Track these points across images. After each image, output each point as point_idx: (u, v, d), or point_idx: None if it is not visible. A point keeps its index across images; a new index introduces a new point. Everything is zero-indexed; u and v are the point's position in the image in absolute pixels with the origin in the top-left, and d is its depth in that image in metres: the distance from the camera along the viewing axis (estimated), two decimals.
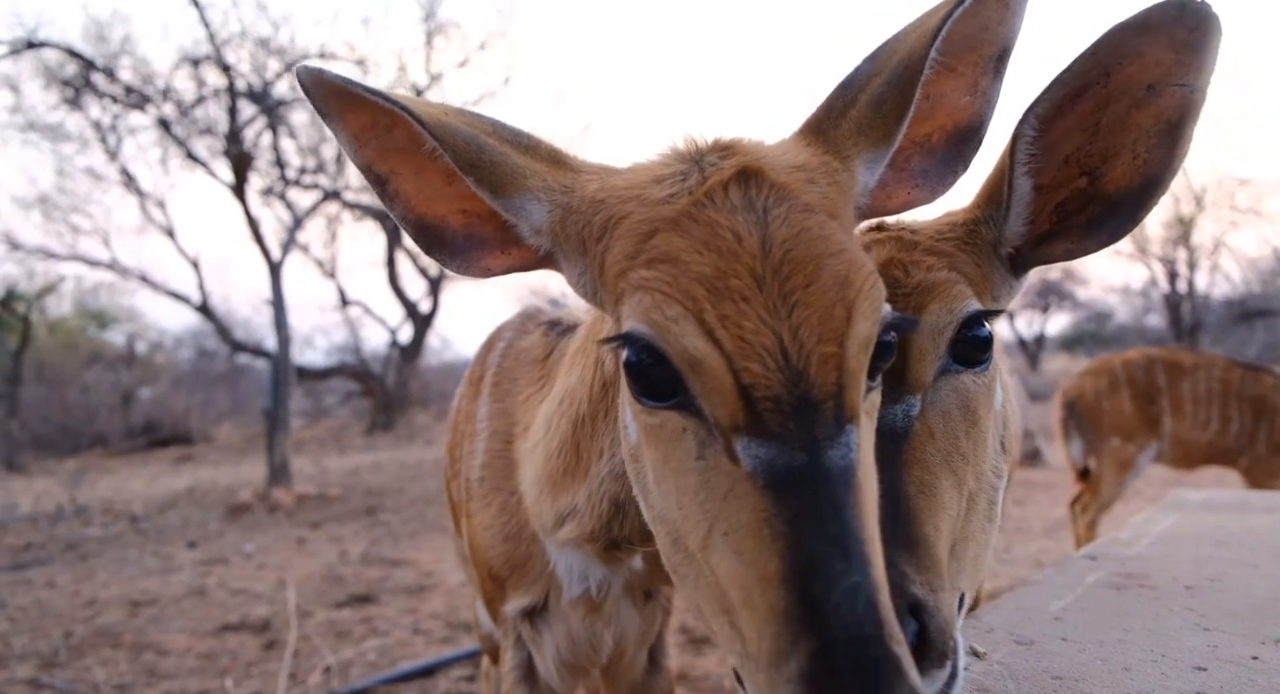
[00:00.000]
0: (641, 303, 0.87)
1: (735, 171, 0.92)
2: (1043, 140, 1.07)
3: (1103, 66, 1.01)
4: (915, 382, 1.04)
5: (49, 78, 13.50)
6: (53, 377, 22.75)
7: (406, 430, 21.71)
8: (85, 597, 6.88)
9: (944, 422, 1.05)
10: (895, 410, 1.03)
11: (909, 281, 1.08)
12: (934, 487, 0.99)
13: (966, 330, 1.06)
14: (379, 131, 1.05)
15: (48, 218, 16.72)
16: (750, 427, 0.81)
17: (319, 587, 6.83)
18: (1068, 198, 1.11)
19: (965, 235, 1.15)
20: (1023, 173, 1.09)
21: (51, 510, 11.58)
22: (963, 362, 1.07)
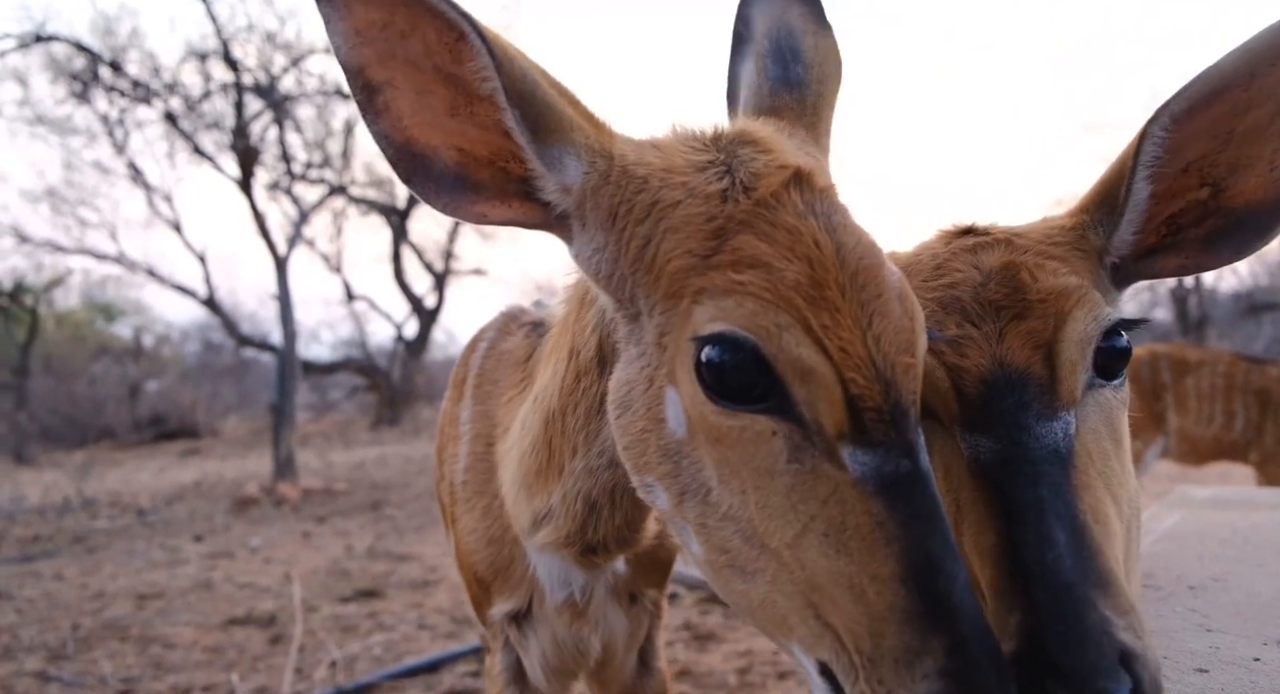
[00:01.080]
0: (741, 307, 0.86)
1: (790, 175, 0.94)
2: (1167, 144, 1.00)
3: (1249, 68, 0.94)
4: (1069, 396, 0.96)
5: (57, 71, 13.54)
6: (60, 369, 22.87)
7: (412, 425, 21.77)
8: (93, 589, 6.93)
9: (1096, 441, 0.97)
10: (1054, 428, 0.94)
11: (1039, 286, 1.00)
12: (1105, 514, 0.91)
13: (1108, 341, 0.99)
14: (390, 34, 0.93)
15: (55, 211, 16.80)
16: (855, 435, 0.83)
17: (324, 581, 6.86)
18: (1182, 210, 1.04)
19: (1074, 240, 1.08)
20: (1145, 176, 1.02)
21: (59, 502, 11.66)
22: (1104, 375, 1.00)
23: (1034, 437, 0.92)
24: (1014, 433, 0.93)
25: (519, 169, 1.00)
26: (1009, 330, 0.98)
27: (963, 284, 1.03)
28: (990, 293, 1.01)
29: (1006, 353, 0.97)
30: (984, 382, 0.96)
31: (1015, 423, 0.93)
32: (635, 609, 1.73)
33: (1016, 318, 0.99)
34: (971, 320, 1.00)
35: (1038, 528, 0.85)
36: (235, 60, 13.29)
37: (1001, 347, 0.97)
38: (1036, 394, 0.94)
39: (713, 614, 5.37)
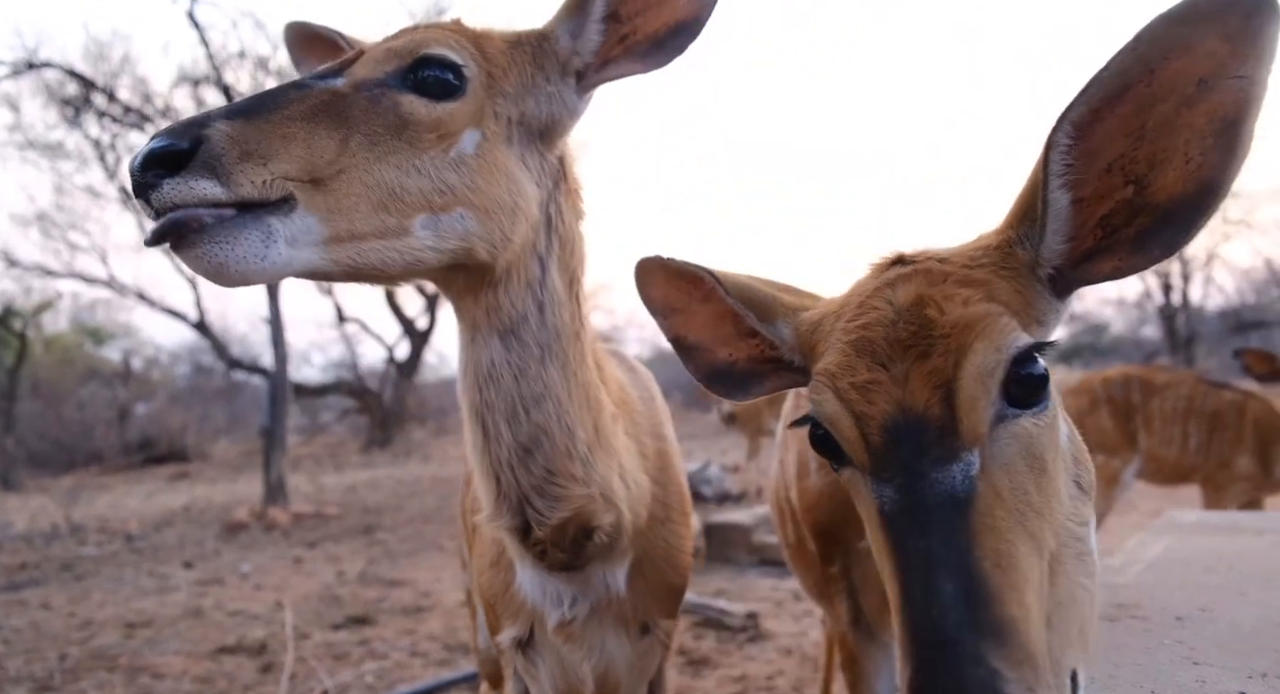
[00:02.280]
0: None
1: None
2: (1080, 148, 0.98)
3: (1146, 64, 0.91)
4: (970, 435, 0.92)
5: (49, 96, 13.58)
6: (48, 393, 22.70)
7: (404, 447, 21.66)
8: (81, 618, 6.85)
9: (1009, 476, 0.93)
10: (952, 472, 0.90)
11: (945, 320, 0.98)
12: (1011, 555, 0.87)
13: (1019, 368, 0.95)
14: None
15: (46, 235, 16.77)
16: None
17: (316, 607, 6.80)
18: (1113, 210, 1.00)
19: (1000, 259, 1.05)
20: (1058, 185, 0.99)
21: (47, 529, 11.53)
22: (1019, 404, 0.96)
23: (928, 483, 0.90)
24: (909, 481, 0.91)
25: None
26: (913, 371, 0.96)
27: (876, 324, 1.02)
28: (899, 332, 0.99)
29: (908, 396, 0.95)
30: (886, 429, 0.95)
31: (911, 470, 0.91)
32: (646, 641, 1.73)
33: (921, 357, 0.96)
34: (882, 362, 0.98)
35: (924, 582, 0.84)
36: (228, 86, 13.35)
37: (905, 390, 0.95)
38: (935, 438, 0.92)
39: (706, 639, 5.36)
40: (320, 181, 1.16)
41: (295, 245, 1.13)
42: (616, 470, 1.52)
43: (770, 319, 1.24)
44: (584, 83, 1.45)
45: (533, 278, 1.43)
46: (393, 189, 1.22)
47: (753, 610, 5.64)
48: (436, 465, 17.77)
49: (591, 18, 1.41)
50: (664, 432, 1.83)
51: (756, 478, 11.51)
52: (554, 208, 1.46)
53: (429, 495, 13.28)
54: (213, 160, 1.07)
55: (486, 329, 1.41)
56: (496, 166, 1.35)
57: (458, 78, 1.32)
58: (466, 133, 1.32)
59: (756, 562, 7.46)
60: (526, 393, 1.41)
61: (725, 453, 15.10)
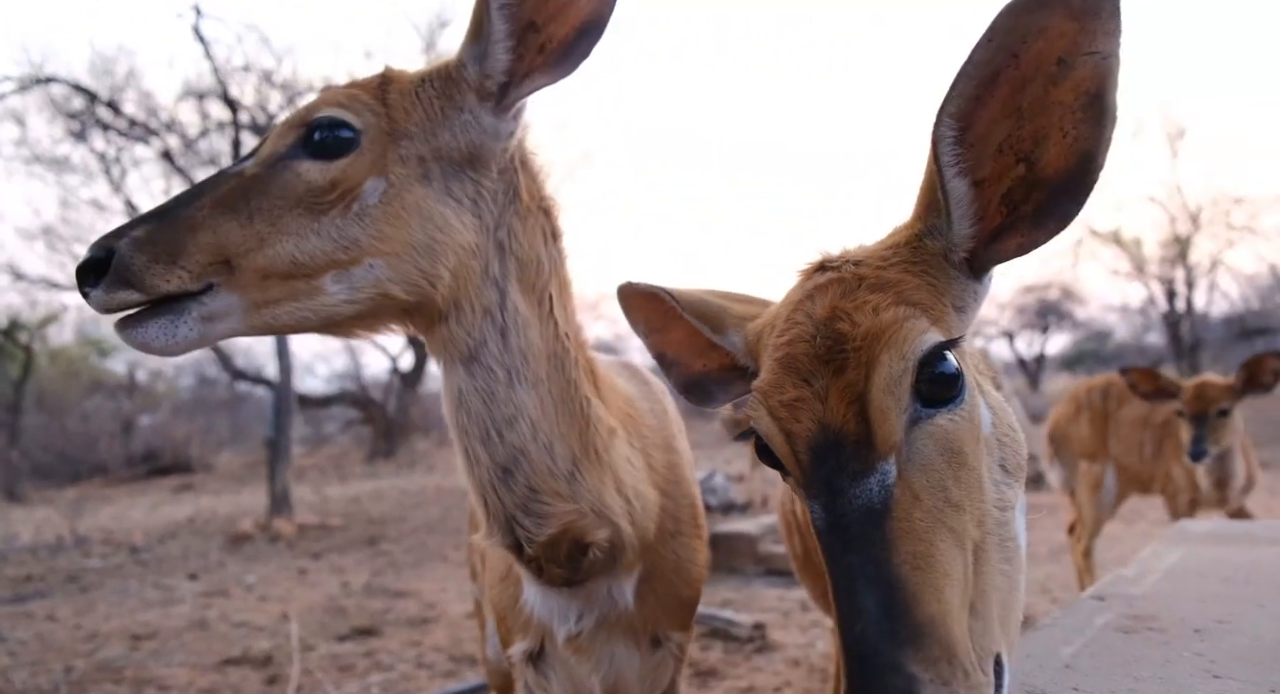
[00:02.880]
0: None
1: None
2: (969, 136, 1.01)
3: (1008, 50, 0.95)
4: (885, 446, 0.93)
5: (55, 111, 13.65)
6: (53, 405, 22.75)
7: (408, 457, 21.65)
8: (86, 630, 6.84)
9: (926, 476, 0.94)
10: (868, 485, 0.91)
11: (856, 332, 0.99)
12: (929, 556, 0.88)
13: (929, 368, 0.97)
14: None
15: (51, 248, 16.83)
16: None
17: (321, 619, 6.79)
18: (1010, 188, 1.04)
19: (910, 255, 1.08)
20: (953, 174, 1.03)
21: (52, 541, 11.53)
22: (933, 403, 0.97)
23: (848, 499, 0.91)
24: (831, 499, 0.92)
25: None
26: (832, 387, 0.97)
27: (798, 340, 1.02)
28: (819, 347, 1.00)
29: (828, 413, 0.96)
30: (810, 447, 0.95)
31: (832, 487, 0.92)
32: (658, 654, 1.71)
33: (837, 372, 0.97)
34: (805, 379, 0.99)
35: (849, 599, 0.85)
36: (233, 99, 13.43)
37: (826, 407, 0.96)
38: (852, 453, 0.93)
39: (713, 650, 5.33)
40: (231, 262, 1.31)
41: (212, 321, 1.31)
42: (611, 485, 1.52)
43: (722, 331, 1.30)
44: (504, 103, 1.45)
45: (489, 303, 1.44)
46: (294, 257, 1.32)
47: (760, 621, 5.61)
48: (440, 476, 17.76)
49: (494, 39, 1.40)
50: (675, 444, 1.83)
51: (761, 487, 11.48)
52: (505, 231, 1.48)
53: (433, 506, 13.26)
54: (123, 270, 1.26)
55: (449, 359, 1.45)
56: (406, 209, 1.39)
57: (351, 133, 1.39)
58: (368, 183, 1.38)
59: (763, 571, 7.43)
60: (498, 415, 1.43)
61: (730, 462, 15.07)
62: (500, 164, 1.48)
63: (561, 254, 1.57)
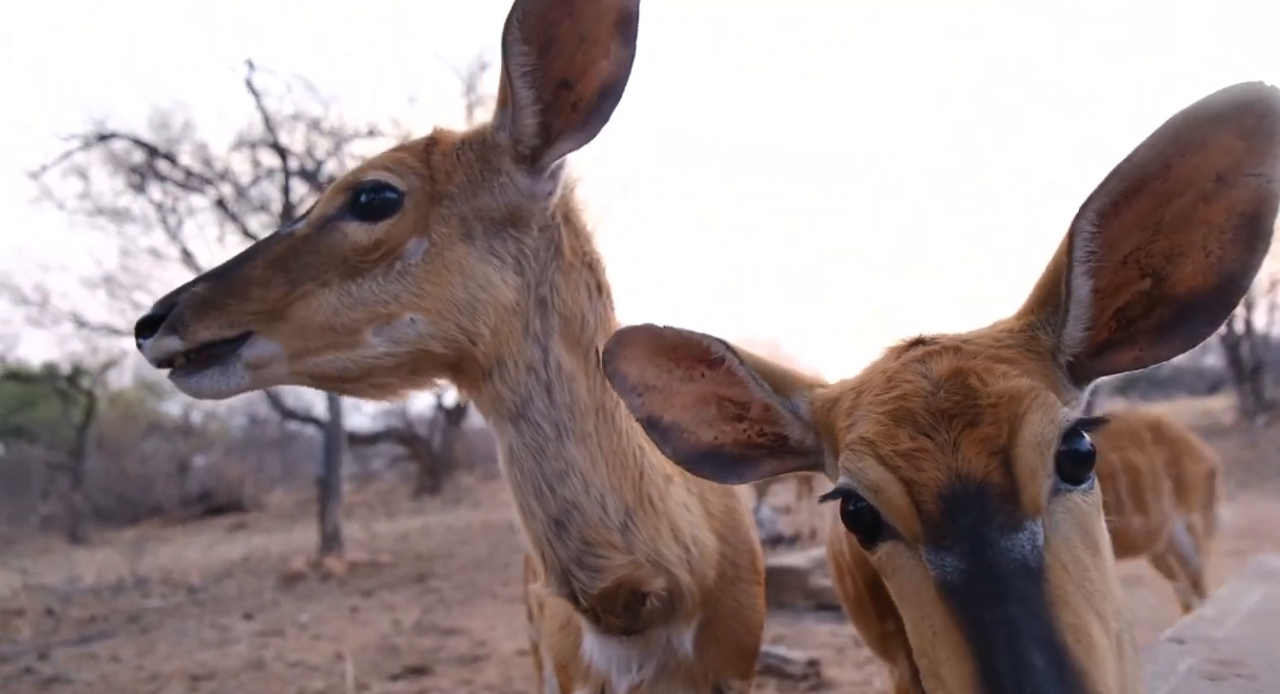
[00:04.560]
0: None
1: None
2: (1099, 239, 0.98)
3: (1162, 159, 0.92)
4: (1032, 504, 0.90)
5: (116, 165, 14.26)
6: (113, 447, 23.41)
7: (454, 493, 21.80)
8: (148, 670, 6.97)
9: (1069, 551, 0.90)
10: (1020, 541, 0.88)
11: (990, 390, 0.97)
12: (1087, 632, 0.83)
13: (1069, 444, 0.94)
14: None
15: (112, 296, 17.46)
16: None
17: (374, 657, 6.83)
18: (1128, 302, 1.01)
19: (1024, 342, 1.05)
20: (1082, 272, 1.00)
21: (113, 581, 11.81)
22: (1069, 480, 0.94)
23: (999, 551, 0.87)
24: (977, 548, 0.88)
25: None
26: (963, 439, 0.94)
27: (913, 395, 1.00)
28: (941, 401, 0.97)
29: (962, 463, 0.92)
30: (942, 496, 0.91)
31: (977, 537, 0.88)
32: None
33: (969, 425, 0.94)
34: (924, 432, 0.96)
35: (1012, 654, 0.80)
36: (282, 147, 13.90)
37: (957, 456, 0.93)
38: (998, 504, 0.89)
39: (766, 688, 5.23)
40: (276, 313, 1.40)
41: (258, 367, 1.40)
42: (668, 533, 1.52)
43: (786, 392, 1.20)
44: (538, 165, 1.48)
45: (533, 360, 1.46)
46: (336, 309, 1.40)
47: (813, 657, 5.50)
48: (486, 511, 17.83)
49: (520, 105, 1.43)
50: (733, 487, 1.82)
51: (810, 519, 11.31)
52: (548, 288, 1.50)
53: (480, 542, 13.30)
54: (175, 321, 1.38)
55: (497, 417, 1.47)
56: (448, 267, 1.43)
57: (395, 195, 1.45)
58: (410, 242, 1.43)
59: (814, 606, 7.29)
60: (549, 471, 1.44)
61: (775, 494, 14.89)
62: (541, 222, 1.51)
63: (608, 307, 1.57)
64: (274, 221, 14.22)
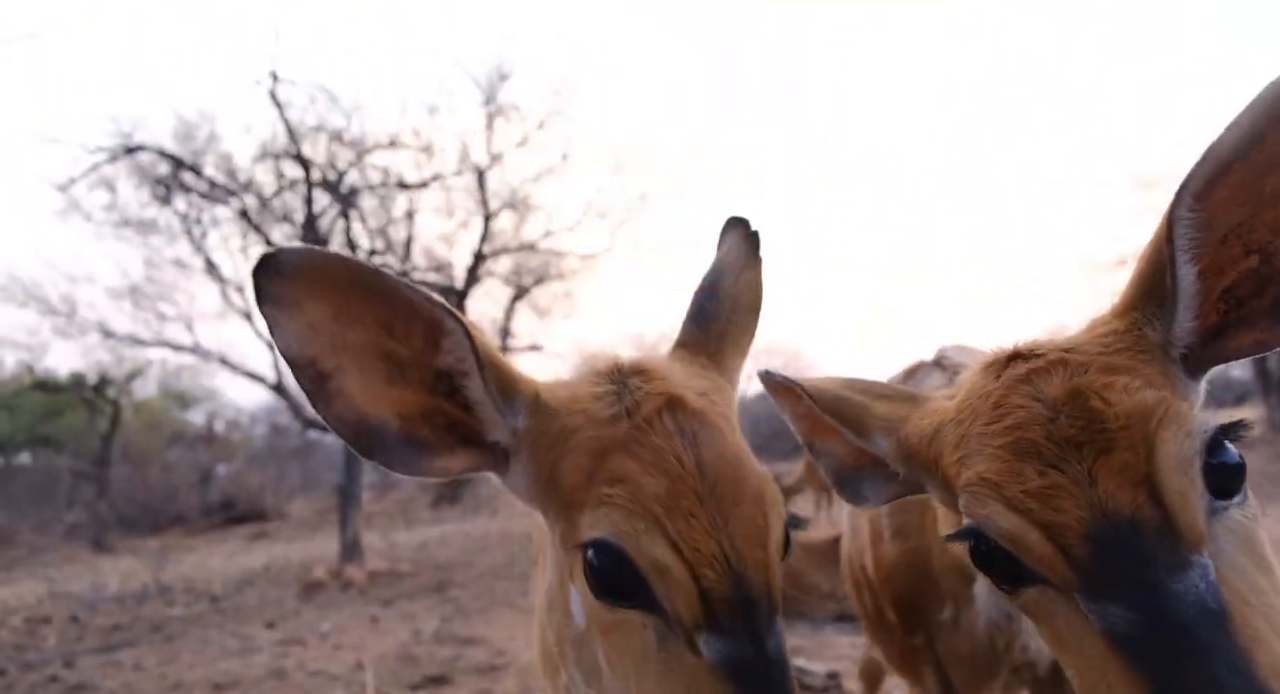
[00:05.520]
0: (609, 516, 1.00)
1: (664, 401, 1.08)
2: (1197, 222, 0.93)
3: (1257, 132, 0.87)
4: (1192, 535, 0.81)
5: (142, 177, 14.49)
6: (137, 457, 23.69)
7: (472, 502, 21.85)
8: (171, 679, 7.02)
9: (1244, 578, 0.81)
10: (1192, 579, 0.78)
11: (1115, 411, 0.88)
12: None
13: (1213, 457, 0.86)
14: (339, 323, 1.02)
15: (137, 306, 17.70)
16: (709, 623, 0.95)
17: (394, 667, 6.84)
18: (1235, 282, 0.95)
19: (1134, 343, 0.97)
20: (1185, 260, 0.93)
21: (138, 590, 11.92)
22: (1222, 495, 0.86)
23: (1172, 596, 0.77)
24: (1147, 596, 0.78)
25: (445, 420, 1.12)
26: (1099, 470, 0.85)
27: (1029, 423, 0.91)
28: (1063, 429, 0.89)
29: (1105, 499, 0.83)
30: (1090, 538, 0.82)
31: (1144, 582, 0.79)
32: None
33: (1102, 453, 0.85)
34: (1053, 464, 0.87)
35: None
36: (305, 158, 14.07)
37: (1096, 491, 0.84)
38: (1156, 541, 0.80)
39: None
40: None
41: None
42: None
43: (865, 433, 1.17)
44: None
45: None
46: None
47: (834, 669, 5.45)
48: (504, 520, 17.85)
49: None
50: None
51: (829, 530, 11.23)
52: None
53: (498, 551, 13.31)
54: None
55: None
56: None
57: None
58: None
59: (833, 617, 7.22)
60: None
61: (794, 503, 14.82)
62: None
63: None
64: (296, 232, 14.38)
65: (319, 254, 0.98)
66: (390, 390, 1.08)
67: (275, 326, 1.00)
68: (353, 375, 1.05)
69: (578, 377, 1.20)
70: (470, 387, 1.09)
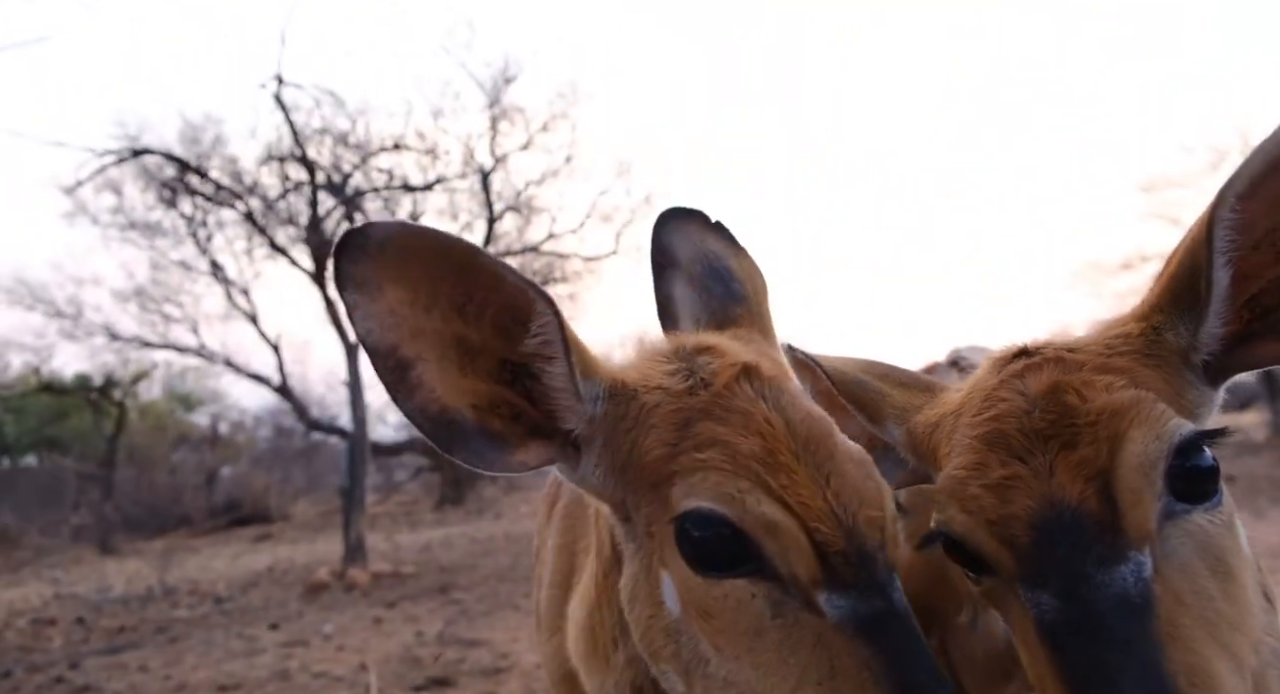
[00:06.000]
0: (706, 480, 0.96)
1: (739, 370, 1.07)
2: (1235, 224, 0.90)
3: None
4: (1137, 532, 0.82)
5: (148, 180, 14.53)
6: (142, 459, 23.73)
7: (476, 504, 21.86)
8: (176, 681, 7.04)
9: (1188, 580, 0.81)
10: (1121, 573, 0.79)
11: (1089, 407, 0.89)
12: (1208, 673, 0.74)
13: (1183, 460, 0.86)
14: (417, 309, 0.98)
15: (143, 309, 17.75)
16: (829, 580, 0.90)
17: (397, 669, 6.85)
18: (1263, 289, 0.93)
19: (1145, 346, 0.96)
20: (1222, 264, 0.91)
21: (142, 592, 11.95)
22: (1188, 499, 0.86)
23: (1095, 586, 0.79)
24: (1072, 584, 0.80)
25: (511, 411, 1.07)
26: (1059, 462, 0.86)
27: (1007, 415, 0.93)
28: (1036, 422, 0.90)
29: (1056, 490, 0.84)
30: (1034, 527, 0.84)
31: (1072, 573, 0.80)
32: None
33: (1066, 447, 0.87)
34: (1019, 456, 0.89)
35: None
36: (310, 161, 14.10)
37: (1052, 483, 0.85)
38: (1096, 535, 0.82)
39: None
40: None
41: None
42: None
43: (880, 421, 1.17)
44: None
45: None
46: None
47: None
48: (508, 522, 17.86)
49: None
50: None
51: None
52: None
53: (502, 554, 13.31)
54: None
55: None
56: None
57: None
58: None
59: None
60: None
61: None
62: None
63: None
64: (301, 234, 14.41)
65: (413, 228, 0.93)
66: (462, 380, 1.03)
67: (356, 311, 0.96)
68: (431, 364, 1.00)
69: (640, 361, 1.17)
70: (552, 373, 1.04)
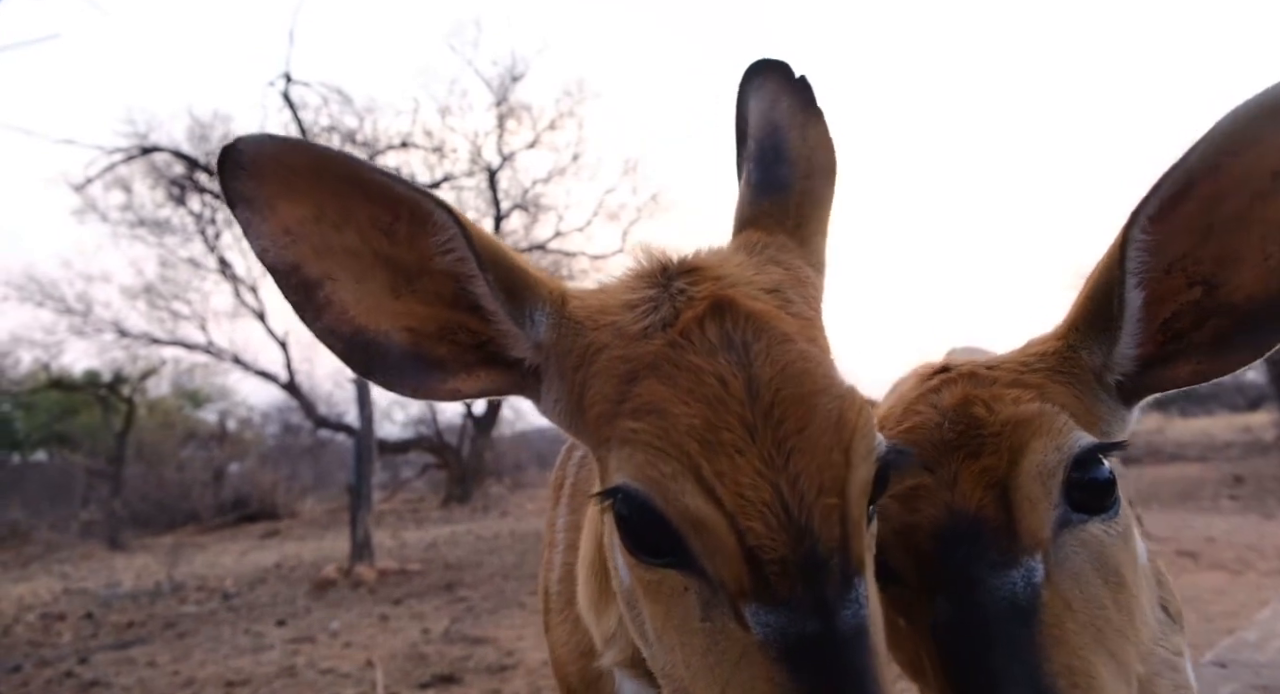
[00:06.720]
0: (633, 458, 0.82)
1: (708, 305, 0.88)
2: (1148, 246, 0.91)
3: (1212, 159, 0.85)
4: (1030, 538, 0.84)
5: (157, 177, 14.63)
6: (151, 455, 23.86)
7: (482, 502, 21.91)
8: (184, 676, 7.08)
9: (1079, 587, 0.84)
10: (1012, 578, 0.81)
11: (994, 418, 0.91)
12: (1090, 675, 0.77)
13: (1081, 472, 0.88)
14: (324, 226, 0.90)
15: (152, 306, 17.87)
16: (757, 591, 0.75)
17: (403, 666, 6.88)
18: (1176, 313, 0.94)
19: (1059, 364, 0.98)
20: (1134, 285, 0.92)
21: (151, 587, 12.01)
22: (1085, 509, 0.89)
23: (986, 590, 0.81)
24: (964, 589, 0.82)
25: (471, 338, 0.98)
26: (962, 471, 0.88)
27: (920, 428, 0.95)
28: (945, 433, 0.92)
29: (957, 498, 0.87)
30: (935, 535, 0.86)
31: (965, 577, 0.82)
32: None
33: (970, 457, 0.89)
34: (928, 467, 0.91)
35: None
36: None
37: (954, 492, 0.87)
38: (990, 541, 0.84)
39: None
40: None
41: None
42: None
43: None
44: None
45: None
46: None
47: None
48: (514, 520, 17.90)
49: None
50: None
51: None
52: None
53: (508, 551, 13.35)
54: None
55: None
56: None
57: None
58: None
59: None
60: None
61: None
62: None
63: None
64: None
65: (277, 141, 0.86)
66: (395, 302, 0.95)
67: (248, 229, 0.89)
68: (345, 284, 0.93)
69: (618, 282, 1.01)
70: (480, 294, 0.94)
